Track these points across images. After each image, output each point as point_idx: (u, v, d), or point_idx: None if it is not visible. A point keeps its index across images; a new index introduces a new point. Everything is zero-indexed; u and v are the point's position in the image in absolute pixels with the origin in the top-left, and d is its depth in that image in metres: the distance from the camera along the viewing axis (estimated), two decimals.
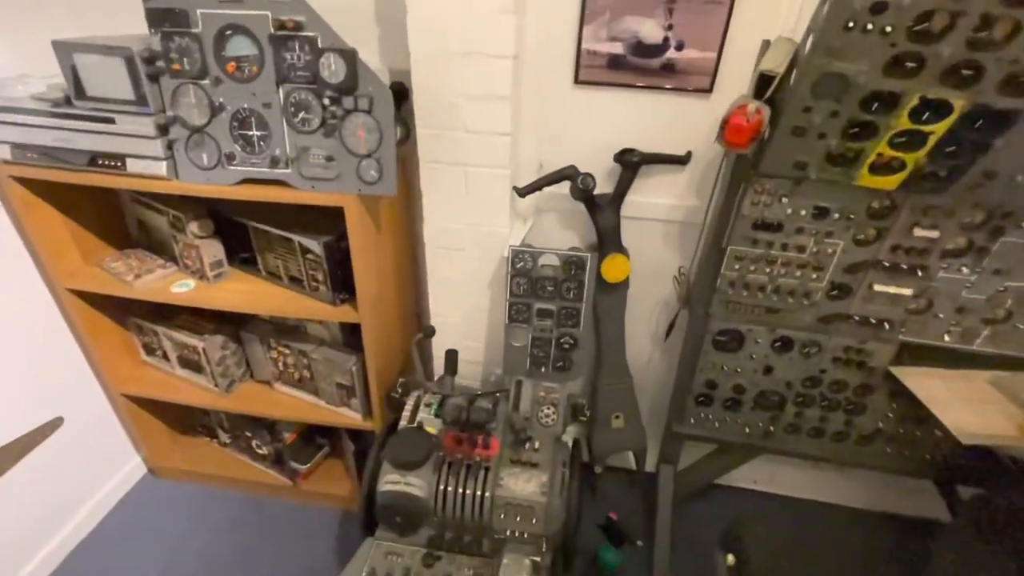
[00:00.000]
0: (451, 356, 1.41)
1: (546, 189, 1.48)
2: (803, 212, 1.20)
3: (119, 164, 1.21)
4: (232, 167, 1.20)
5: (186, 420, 1.97)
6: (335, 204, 1.17)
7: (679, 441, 1.64)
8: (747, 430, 1.53)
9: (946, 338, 1.28)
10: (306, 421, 1.64)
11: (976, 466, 1.42)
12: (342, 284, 1.35)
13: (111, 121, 1.17)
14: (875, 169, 1.04)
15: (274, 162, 1.17)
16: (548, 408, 1.38)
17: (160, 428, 1.89)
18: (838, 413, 1.45)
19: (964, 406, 1.22)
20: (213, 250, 1.44)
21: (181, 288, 1.44)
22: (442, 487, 1.20)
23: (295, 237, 1.33)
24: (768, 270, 1.29)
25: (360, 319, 1.34)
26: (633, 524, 1.63)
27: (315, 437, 1.81)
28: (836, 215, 1.19)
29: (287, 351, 1.57)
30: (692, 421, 1.56)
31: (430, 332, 1.36)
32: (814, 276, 1.28)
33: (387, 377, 1.52)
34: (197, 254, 1.43)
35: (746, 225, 1.25)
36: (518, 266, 1.32)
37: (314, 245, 1.30)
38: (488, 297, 1.55)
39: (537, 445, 1.31)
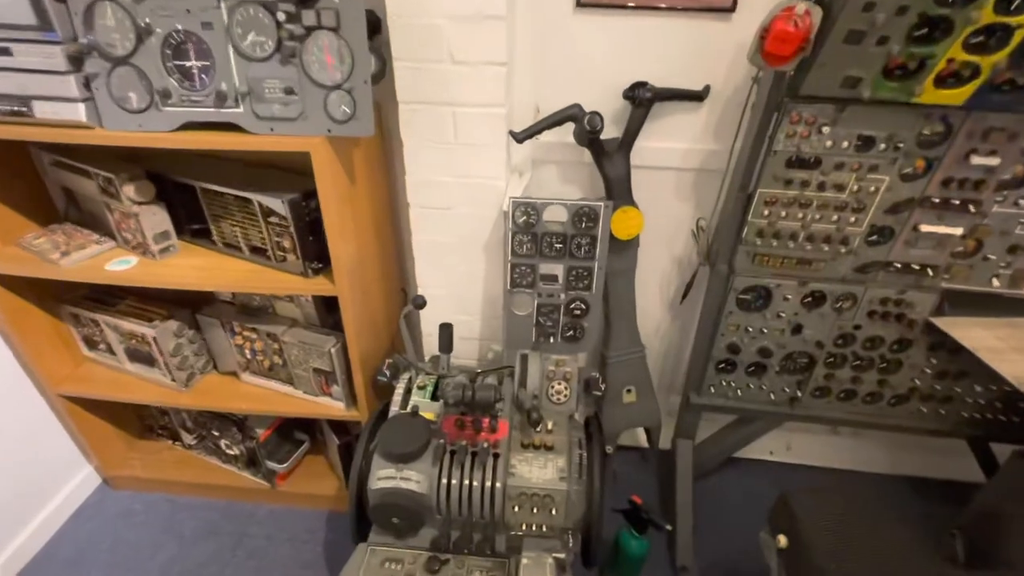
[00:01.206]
0: (445, 331, 1.23)
1: (543, 137, 1.30)
2: (845, 144, 1.05)
3: (23, 110, 0.98)
4: (169, 108, 0.98)
5: (143, 422, 1.74)
6: (299, 150, 0.96)
7: (697, 413, 1.51)
8: (772, 397, 1.41)
9: (994, 283, 1.17)
10: (281, 415, 1.44)
11: (1017, 422, 1.32)
12: (314, 252, 1.15)
13: (6, 52, 0.93)
14: (941, 81, 0.89)
15: (220, 99, 0.95)
16: (559, 383, 1.21)
17: (113, 433, 1.66)
18: (871, 372, 1.33)
19: (1019, 356, 1.11)
20: (156, 219, 1.21)
21: (119, 266, 1.21)
22: (444, 480, 1.03)
23: (255, 197, 1.12)
24: (801, 215, 1.15)
25: (337, 291, 1.14)
26: (652, 505, 1.49)
27: (293, 432, 1.61)
28: (882, 145, 1.04)
29: (254, 335, 1.36)
30: (712, 390, 1.42)
31: (420, 303, 1.18)
32: (852, 220, 1.14)
33: (372, 359, 1.33)
34: (137, 225, 1.20)
35: (779, 163, 1.09)
36: (520, 221, 1.14)
37: (277, 205, 1.09)
38: (482, 264, 1.37)
39: (550, 426, 1.15)
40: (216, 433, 1.60)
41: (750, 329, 1.31)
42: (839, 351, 1.31)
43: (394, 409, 1.18)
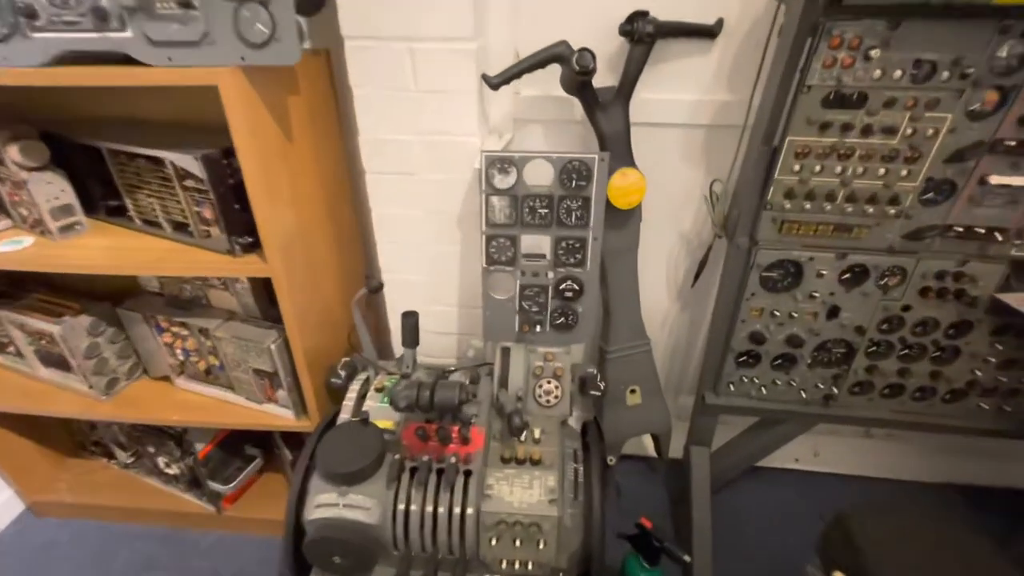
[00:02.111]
0: (408, 321, 1.01)
1: (525, 90, 1.09)
2: (898, 73, 0.84)
3: None
4: (37, 34, 0.76)
5: (74, 438, 1.51)
6: (203, 83, 0.75)
7: (714, 416, 1.29)
8: (803, 394, 1.18)
9: None
10: (218, 426, 1.22)
11: None
12: (242, 224, 0.93)
13: None
14: None
15: (101, 18, 0.74)
16: (549, 382, 0.99)
17: (37, 452, 1.43)
18: (922, 363, 1.11)
19: None
20: (52, 189, 0.99)
21: (7, 247, 0.99)
22: (402, 506, 0.80)
23: (167, 156, 0.91)
24: (840, 169, 0.94)
25: (270, 271, 0.92)
26: (663, 528, 1.27)
27: (244, 447, 1.39)
28: (945, 73, 0.83)
29: (185, 332, 1.14)
30: (731, 388, 1.20)
31: (375, 287, 0.96)
32: (905, 172, 0.93)
33: (325, 358, 1.11)
34: (29, 196, 0.98)
35: (813, 103, 0.88)
36: (495, 182, 0.93)
37: (191, 164, 0.88)
38: (457, 242, 1.15)
39: (537, 434, 0.93)
40: (152, 450, 1.37)
41: (776, 314, 1.10)
42: (884, 338, 1.10)
43: (344, 417, 0.95)
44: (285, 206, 0.93)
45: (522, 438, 0.92)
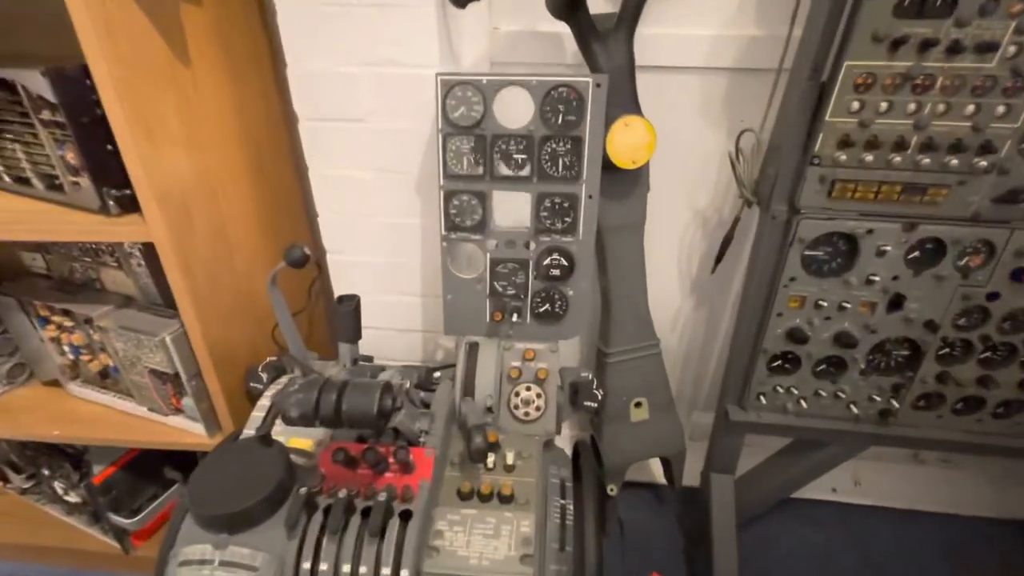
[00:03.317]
0: (346, 307, 0.77)
1: (507, 25, 0.88)
2: None
3: None
4: None
5: None
6: None
7: (740, 436, 1.04)
8: (854, 409, 0.94)
9: None
10: (111, 443, 0.96)
11: None
12: (120, 172, 0.69)
13: None
14: None
15: None
16: (528, 388, 0.75)
17: None
18: (1011, 368, 0.87)
19: None
20: None
21: None
22: (306, 564, 0.55)
23: (10, 75, 0.67)
24: (914, 106, 0.71)
25: (149, 234, 0.69)
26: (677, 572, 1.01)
27: (160, 468, 1.13)
28: None
29: (70, 322, 0.90)
30: (762, 401, 0.96)
31: (296, 258, 0.71)
32: (1002, 110, 0.70)
33: (244, 356, 0.87)
34: None
35: (882, 9, 0.66)
36: (456, 116, 0.70)
37: (40, 84, 0.65)
38: (418, 213, 0.92)
39: (511, 458, 0.68)
40: (47, 472, 1.12)
41: (822, 304, 0.86)
42: (961, 336, 0.86)
43: (249, 434, 0.71)
44: (175, 150, 0.70)
45: (488, 464, 0.67)
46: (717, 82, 0.93)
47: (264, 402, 0.78)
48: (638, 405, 1.05)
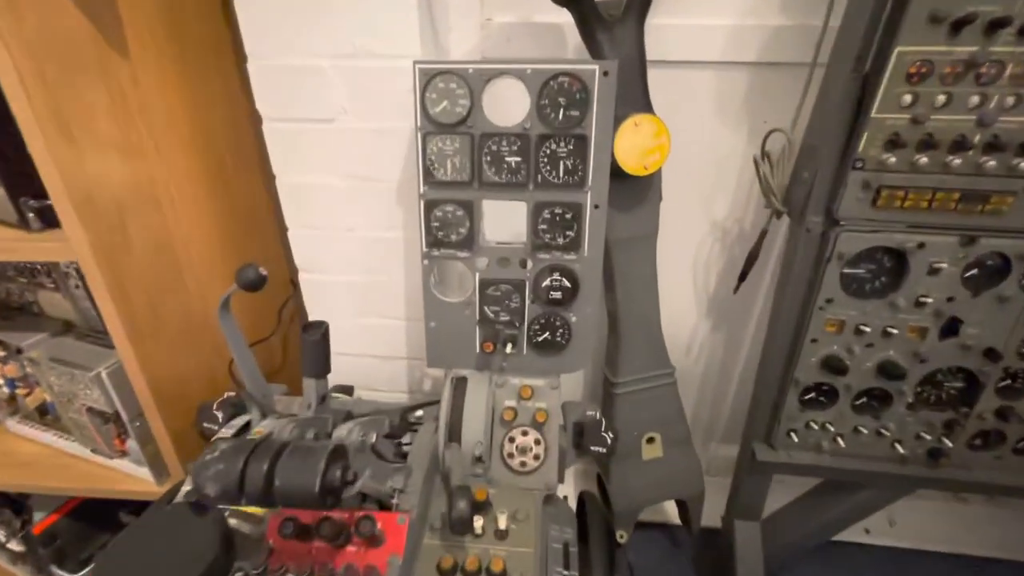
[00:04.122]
0: (312, 337, 0.65)
1: (500, 16, 0.78)
2: None
3: None
4: None
5: None
6: None
7: (767, 476, 0.91)
8: (899, 448, 0.82)
9: None
10: (44, 491, 0.84)
11: None
12: (38, 179, 0.58)
13: None
14: None
15: None
16: (526, 433, 0.63)
17: None
18: None
19: None
20: None
21: None
22: None
23: None
24: (979, 99, 0.61)
25: (71, 252, 0.57)
26: None
27: (114, 512, 1.01)
28: None
29: (2, 352, 0.79)
30: (794, 438, 0.84)
31: (249, 280, 0.60)
32: None
33: (196, 392, 0.75)
34: None
35: None
36: (437, 112, 0.59)
37: None
38: (400, 225, 0.81)
39: (503, 522, 0.56)
40: None
41: (865, 330, 0.75)
42: None
43: (188, 490, 0.59)
44: (105, 154, 0.59)
45: (477, 530, 0.55)
46: (737, 78, 0.82)
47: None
48: (651, 441, 0.93)
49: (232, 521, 0.54)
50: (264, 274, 0.61)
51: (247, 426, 0.69)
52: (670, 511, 1.13)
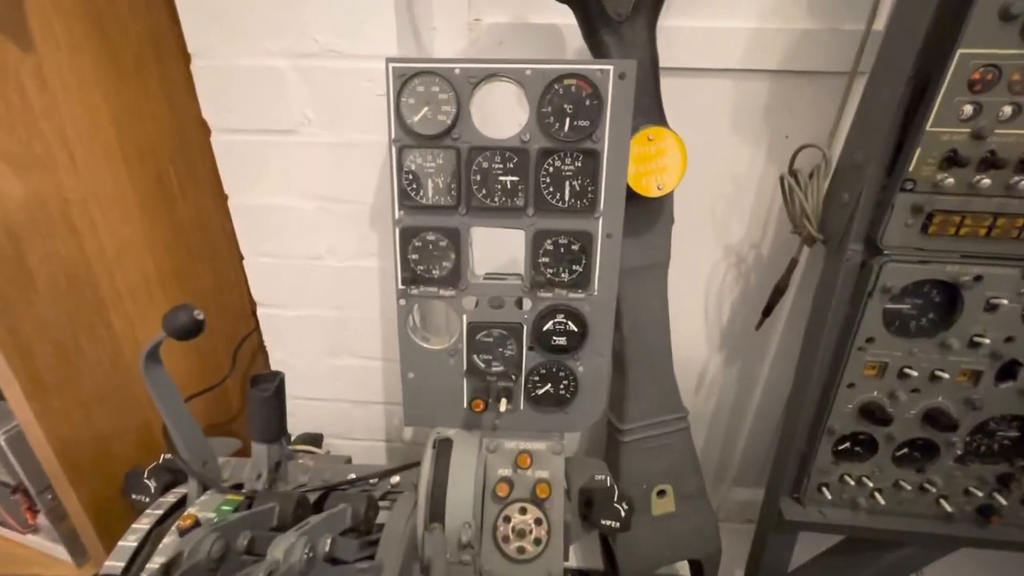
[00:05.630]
0: (262, 394, 0.53)
1: (491, 16, 0.69)
2: None
3: None
4: None
5: None
6: None
7: (792, 535, 0.81)
8: (945, 505, 0.72)
9: None
10: None
11: None
12: None
13: None
14: None
15: None
16: (524, 510, 0.52)
17: None
18: None
19: None
20: None
21: None
22: None
23: None
24: None
25: None
26: None
27: None
28: None
29: None
30: (826, 493, 0.74)
31: (180, 326, 0.47)
32: None
33: (126, 456, 0.62)
34: None
35: None
36: (417, 121, 0.48)
37: None
38: (375, 252, 0.70)
39: None
40: None
41: (910, 373, 0.65)
42: None
43: (115, 567, 0.46)
44: None
45: None
46: (757, 88, 0.73)
47: (142, 524, 0.53)
48: (661, 494, 0.82)
49: None
50: (200, 319, 0.49)
51: (184, 501, 0.57)
52: (683, 570, 1.01)
